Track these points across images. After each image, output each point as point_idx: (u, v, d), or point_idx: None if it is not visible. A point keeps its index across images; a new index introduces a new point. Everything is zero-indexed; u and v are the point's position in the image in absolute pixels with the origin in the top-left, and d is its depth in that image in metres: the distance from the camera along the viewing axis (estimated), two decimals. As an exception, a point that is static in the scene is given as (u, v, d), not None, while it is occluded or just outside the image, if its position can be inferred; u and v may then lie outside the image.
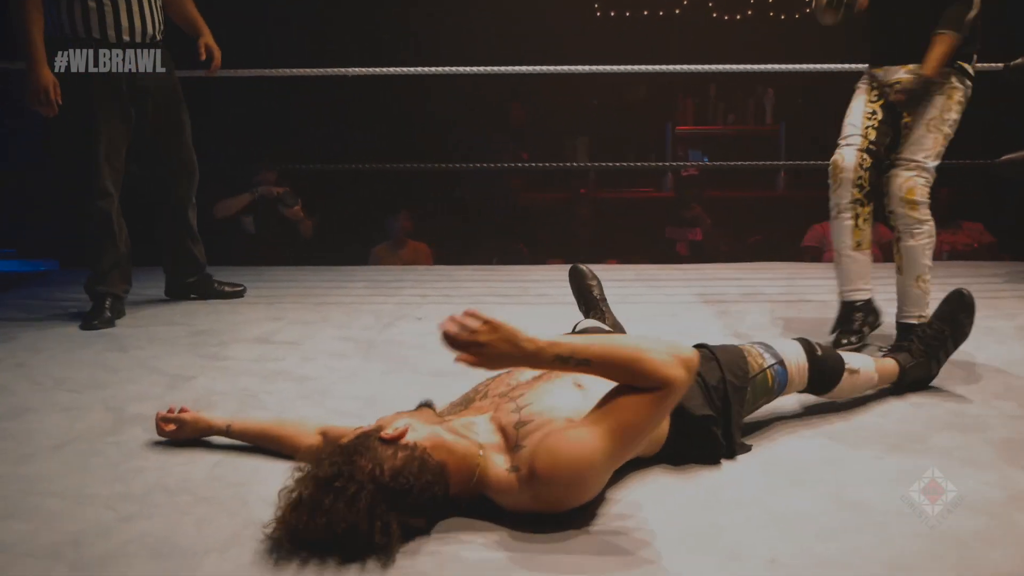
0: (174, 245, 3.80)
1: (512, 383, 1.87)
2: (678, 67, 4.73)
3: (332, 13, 6.45)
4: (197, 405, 2.44)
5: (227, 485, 1.93)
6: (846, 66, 4.47)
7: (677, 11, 7.07)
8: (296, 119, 6.37)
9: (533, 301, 3.88)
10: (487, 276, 4.52)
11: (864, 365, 2.30)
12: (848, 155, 3.15)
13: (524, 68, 4.46)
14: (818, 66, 4.50)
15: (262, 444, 2.10)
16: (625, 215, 6.55)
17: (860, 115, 3.22)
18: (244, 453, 2.11)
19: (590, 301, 2.85)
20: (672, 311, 3.66)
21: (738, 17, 7.05)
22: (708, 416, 1.96)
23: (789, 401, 2.32)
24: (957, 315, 2.45)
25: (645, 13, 7.06)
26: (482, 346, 1.62)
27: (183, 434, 2.14)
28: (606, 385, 1.76)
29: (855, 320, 3.16)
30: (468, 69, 4.41)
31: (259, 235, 5.42)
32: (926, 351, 2.44)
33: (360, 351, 3.05)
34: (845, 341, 3.09)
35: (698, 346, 2.11)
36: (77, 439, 2.23)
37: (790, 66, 4.60)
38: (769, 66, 4.63)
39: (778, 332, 3.31)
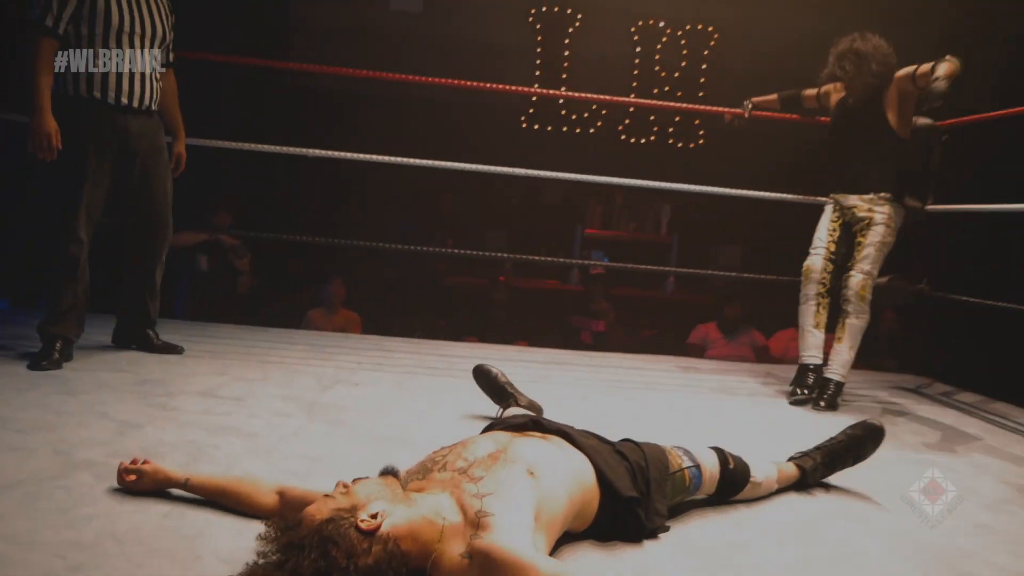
0: (133, 298, 3.57)
1: (469, 458, 1.74)
2: (589, 177, 4.81)
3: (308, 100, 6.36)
4: (146, 454, 2.24)
5: (180, 537, 1.74)
6: (728, 190, 4.57)
7: (591, 131, 7.19)
8: (251, 181, 6.18)
9: (458, 376, 3.76)
10: (414, 349, 4.39)
11: (767, 476, 2.27)
12: (816, 261, 3.87)
13: (455, 164, 4.41)
14: (707, 188, 4.57)
15: (218, 500, 1.92)
16: (536, 303, 6.54)
17: (825, 231, 3.91)
18: (192, 505, 1.93)
19: (499, 390, 2.77)
20: (583, 394, 3.59)
21: (643, 141, 7.21)
22: (634, 498, 1.89)
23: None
24: (865, 443, 2.42)
25: (564, 129, 7.16)
26: None
27: (142, 485, 1.95)
28: (554, 473, 1.74)
29: (809, 377, 3.77)
30: (408, 161, 4.33)
31: (209, 275, 5.21)
32: (826, 464, 2.41)
33: (302, 411, 2.88)
34: (799, 392, 3.73)
35: (624, 440, 2.07)
36: (25, 481, 1.99)
37: (684, 186, 4.65)
38: (666, 184, 4.68)
39: (677, 418, 3.28)
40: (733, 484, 2.17)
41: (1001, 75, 5.23)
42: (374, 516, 1.48)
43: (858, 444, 2.41)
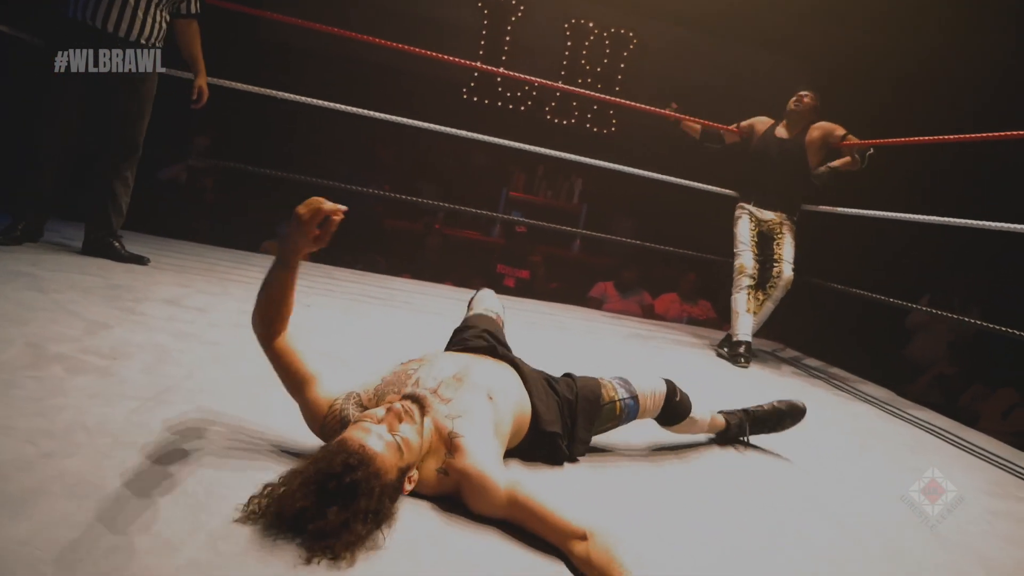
0: (96, 209, 3.30)
1: (437, 377, 1.64)
2: (516, 143, 4.69)
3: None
4: (115, 353, 2.05)
5: (147, 432, 1.58)
6: (634, 170, 4.52)
7: (522, 108, 7.01)
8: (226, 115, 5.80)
9: (399, 306, 3.63)
10: (359, 279, 4.20)
11: (702, 417, 2.17)
12: (747, 259, 4.02)
13: (397, 118, 4.17)
14: (615, 166, 4.51)
15: (276, 307, 1.57)
16: (463, 250, 6.38)
17: (747, 234, 4.08)
18: (160, 403, 1.76)
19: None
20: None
21: (565, 122, 7.08)
22: (556, 433, 1.82)
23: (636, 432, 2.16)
24: (785, 418, 2.32)
25: (499, 104, 6.96)
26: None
27: (304, 244, 1.49)
28: (506, 399, 1.68)
29: (741, 348, 3.84)
30: (357, 110, 4.08)
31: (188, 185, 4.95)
32: (750, 426, 2.31)
33: (259, 325, 2.70)
34: (743, 361, 3.78)
35: (566, 375, 1.99)
36: (-2, 369, 1.79)
37: (595, 161, 4.57)
38: (581, 158, 4.60)
39: (586, 351, 3.23)
40: (676, 414, 2.07)
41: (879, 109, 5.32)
42: (411, 479, 1.44)
43: (779, 416, 2.32)
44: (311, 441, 1.66)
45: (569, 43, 7.02)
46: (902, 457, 2.72)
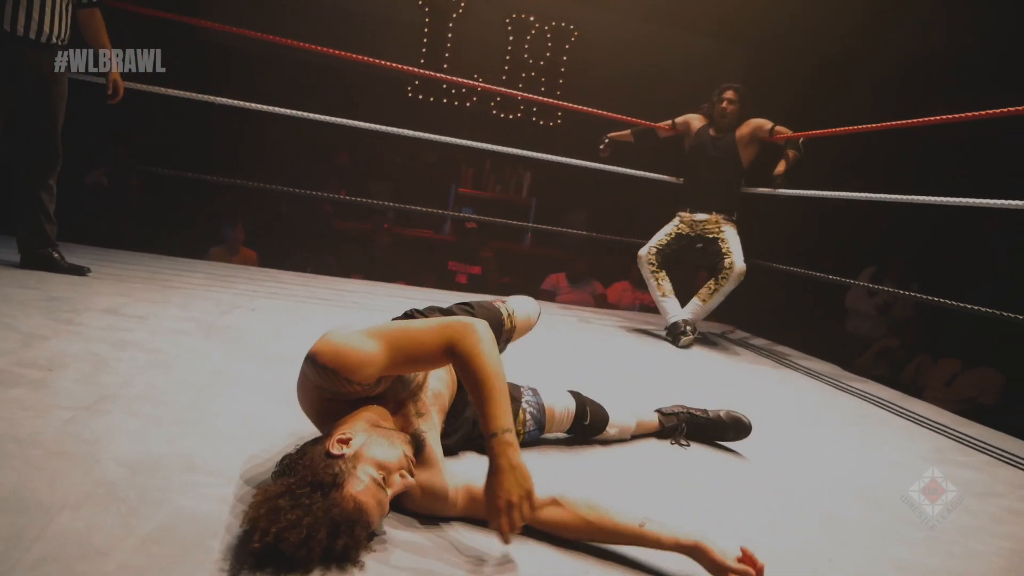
0: (27, 220, 3.22)
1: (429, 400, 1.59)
2: (464, 141, 4.69)
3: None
4: (50, 364, 2.01)
5: (80, 441, 1.55)
6: (581, 162, 4.57)
7: (468, 104, 7.01)
8: (155, 124, 5.69)
9: (349, 307, 3.61)
10: (306, 282, 4.17)
11: (623, 427, 2.07)
12: (644, 251, 4.17)
13: (345, 120, 4.15)
14: (561, 159, 4.57)
15: None
16: (414, 249, 6.36)
17: (663, 234, 4.21)
18: (97, 412, 1.73)
19: None
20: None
21: (511, 117, 7.09)
22: None
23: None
24: (727, 431, 2.21)
25: (444, 101, 6.94)
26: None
27: None
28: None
29: (680, 328, 3.89)
30: (308, 115, 4.06)
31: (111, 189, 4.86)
32: (687, 432, 2.18)
33: (202, 331, 2.65)
34: (680, 342, 3.85)
35: None
36: (-77, 386, 1.74)
37: (543, 155, 4.62)
38: (528, 152, 4.63)
39: (541, 345, 3.25)
40: (586, 431, 2.01)
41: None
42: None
43: (721, 428, 2.21)
44: (250, 446, 1.65)
45: (511, 38, 7.04)
46: (845, 429, 2.80)
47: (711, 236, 4.11)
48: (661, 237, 4.20)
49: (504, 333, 1.99)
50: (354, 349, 1.38)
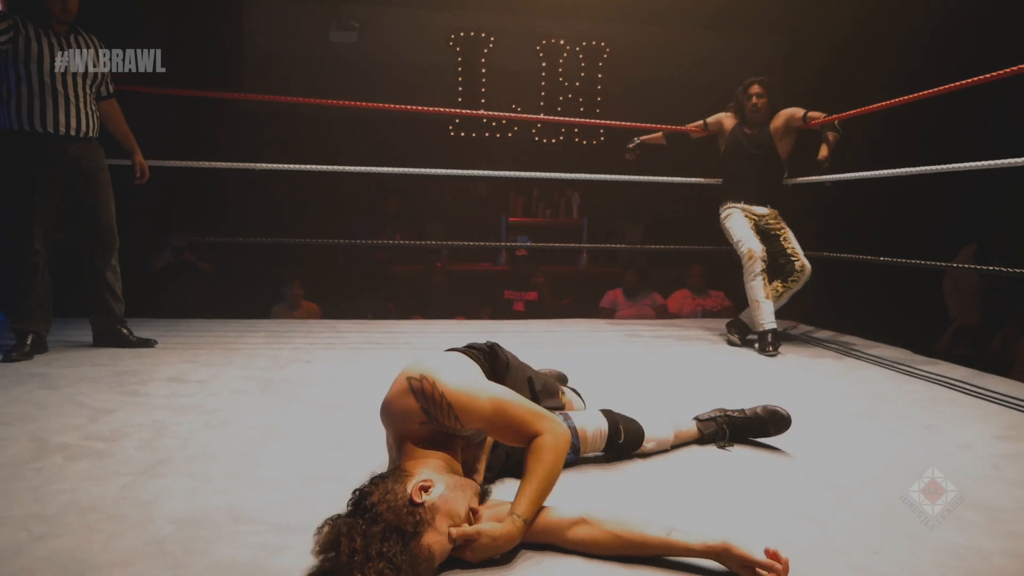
0: (96, 300, 3.46)
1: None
2: (510, 173, 4.82)
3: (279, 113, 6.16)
4: (115, 435, 2.16)
5: (135, 504, 1.66)
6: (628, 177, 4.59)
7: (509, 135, 7.12)
8: (217, 196, 6.01)
9: (400, 348, 3.71)
10: (363, 328, 4.30)
11: (661, 441, 2.07)
12: (755, 246, 3.88)
13: (397, 169, 4.32)
14: (608, 176, 4.58)
15: None
16: (471, 283, 6.47)
17: (745, 224, 3.99)
18: (153, 475, 1.85)
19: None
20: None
21: (553, 141, 7.16)
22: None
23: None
24: (767, 426, 2.18)
25: (486, 135, 7.08)
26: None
27: None
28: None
29: (768, 336, 3.77)
30: (359, 169, 4.24)
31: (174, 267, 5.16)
32: (725, 433, 2.18)
33: (259, 388, 2.79)
34: (771, 350, 3.72)
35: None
36: (3, 467, 1.89)
37: (589, 176, 4.67)
38: (574, 175, 4.69)
39: (589, 363, 3.26)
40: (621, 449, 2.01)
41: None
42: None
43: (760, 424, 2.19)
44: (296, 492, 1.73)
45: (544, 64, 7.14)
46: (912, 414, 2.70)
47: (773, 232, 4.02)
48: (750, 232, 3.96)
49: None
50: (475, 396, 1.51)
